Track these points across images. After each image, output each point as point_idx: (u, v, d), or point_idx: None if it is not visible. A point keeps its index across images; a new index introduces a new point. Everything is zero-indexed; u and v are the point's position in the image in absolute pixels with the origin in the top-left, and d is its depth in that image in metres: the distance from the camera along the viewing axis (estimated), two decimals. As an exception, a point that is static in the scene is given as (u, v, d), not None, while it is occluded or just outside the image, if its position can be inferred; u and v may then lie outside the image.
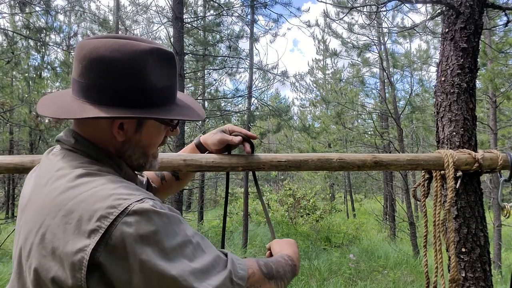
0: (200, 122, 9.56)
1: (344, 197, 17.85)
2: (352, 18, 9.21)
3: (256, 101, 8.21)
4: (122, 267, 0.62)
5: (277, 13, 8.33)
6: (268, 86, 8.66)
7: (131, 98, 0.75)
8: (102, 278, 0.63)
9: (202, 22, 7.70)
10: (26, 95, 9.98)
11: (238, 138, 1.15)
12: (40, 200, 0.70)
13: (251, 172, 1.26)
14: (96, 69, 0.73)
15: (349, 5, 5.58)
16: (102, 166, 0.76)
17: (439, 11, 2.31)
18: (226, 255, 0.78)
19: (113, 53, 0.72)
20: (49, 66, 10.21)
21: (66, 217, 0.64)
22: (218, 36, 7.90)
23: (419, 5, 6.47)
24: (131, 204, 0.65)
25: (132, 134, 0.80)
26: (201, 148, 1.24)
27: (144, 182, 1.13)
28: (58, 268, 0.62)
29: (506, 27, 6.74)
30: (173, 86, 0.82)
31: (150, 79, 0.75)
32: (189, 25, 7.01)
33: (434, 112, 1.73)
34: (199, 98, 9.26)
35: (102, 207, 0.64)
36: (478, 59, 1.69)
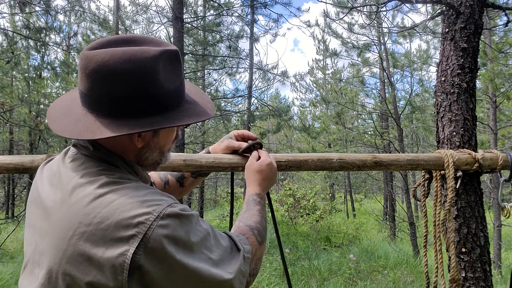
0: (200, 122, 9.56)
1: (344, 197, 17.84)
2: (352, 18, 9.22)
3: (256, 101, 8.22)
4: (161, 268, 0.67)
5: (277, 13, 8.34)
6: (268, 86, 8.67)
7: (146, 106, 0.75)
8: (142, 279, 0.66)
9: (202, 22, 7.70)
10: (26, 95, 9.98)
11: (245, 145, 1.18)
12: (67, 207, 0.70)
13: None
14: (108, 82, 0.72)
15: (349, 5, 5.58)
16: (122, 173, 0.78)
17: (439, 11, 2.31)
18: (229, 235, 0.84)
19: (124, 64, 0.71)
20: (49, 66, 10.22)
21: (102, 223, 0.66)
22: (218, 36, 7.90)
23: (419, 5, 6.48)
24: (164, 209, 0.69)
25: (150, 139, 0.82)
26: None
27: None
28: (96, 273, 0.65)
29: (506, 27, 6.74)
30: (182, 83, 0.83)
31: (163, 84, 0.75)
32: (189, 25, 7.01)
33: (434, 112, 1.73)
34: (199, 98, 9.25)
35: (138, 213, 0.67)
36: (478, 59, 1.69)
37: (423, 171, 1.47)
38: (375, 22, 9.04)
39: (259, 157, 1.13)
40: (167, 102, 0.77)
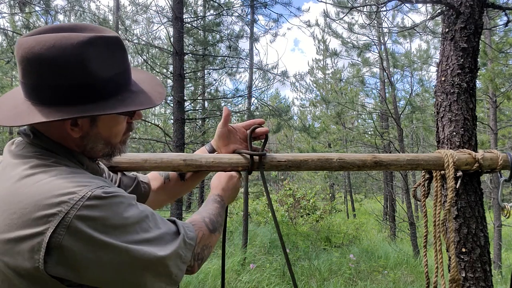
0: (200, 121, 9.56)
1: (344, 197, 17.83)
2: (352, 18, 9.22)
3: (256, 101, 8.21)
4: (86, 249, 0.65)
5: (277, 13, 8.33)
6: (268, 86, 8.66)
7: (78, 94, 0.73)
8: (63, 260, 0.64)
9: (202, 22, 7.70)
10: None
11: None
12: None
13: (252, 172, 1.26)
14: (36, 69, 0.70)
15: (349, 5, 5.58)
16: (59, 159, 0.76)
17: (439, 11, 2.31)
18: (174, 222, 0.84)
19: (49, 50, 0.69)
20: (49, 66, 10.19)
21: (21, 203, 0.65)
22: (218, 36, 7.90)
23: (419, 5, 6.47)
24: (91, 190, 0.68)
25: (88, 128, 0.79)
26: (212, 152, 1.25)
27: (117, 180, 1.13)
28: (17, 253, 0.64)
29: (506, 27, 6.74)
30: (124, 71, 0.80)
31: (95, 71, 0.72)
32: (189, 25, 7.01)
33: (434, 112, 1.73)
34: (199, 98, 9.27)
35: (62, 193, 0.66)
36: (478, 59, 1.68)
37: (423, 171, 1.47)
38: (375, 22, 9.03)
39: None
40: (100, 90, 0.74)
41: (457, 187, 1.37)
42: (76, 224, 0.64)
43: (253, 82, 7.94)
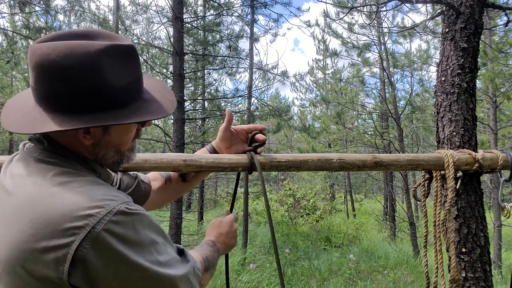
0: (200, 121, 9.56)
1: (344, 197, 17.83)
2: (352, 18, 9.22)
3: (256, 101, 8.20)
4: (108, 263, 0.66)
5: (277, 13, 8.32)
6: (268, 86, 8.66)
7: (91, 102, 0.72)
8: (86, 273, 0.65)
9: (202, 22, 7.70)
10: (26, 95, 9.94)
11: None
12: (18, 195, 0.70)
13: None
14: (50, 77, 0.70)
15: (349, 5, 5.58)
16: (75, 167, 0.76)
17: (439, 11, 2.31)
18: (183, 250, 0.86)
19: (65, 59, 0.69)
20: (49, 66, 10.18)
21: (48, 213, 0.65)
22: (218, 36, 7.90)
23: (419, 5, 6.47)
24: (117, 205, 0.68)
25: (101, 136, 0.79)
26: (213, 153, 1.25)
27: (118, 180, 1.13)
28: (42, 264, 0.64)
29: (506, 27, 6.73)
30: (138, 80, 0.80)
31: (109, 80, 0.73)
32: (189, 25, 7.01)
33: (434, 112, 1.73)
34: (199, 98, 9.26)
35: (90, 206, 0.66)
36: (478, 59, 1.68)
37: (423, 171, 1.47)
38: (375, 22, 9.04)
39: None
40: (114, 99, 0.74)
41: (457, 187, 1.37)
42: (102, 238, 0.65)
43: (253, 82, 7.94)
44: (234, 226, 1.14)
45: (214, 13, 7.93)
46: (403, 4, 5.02)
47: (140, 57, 6.29)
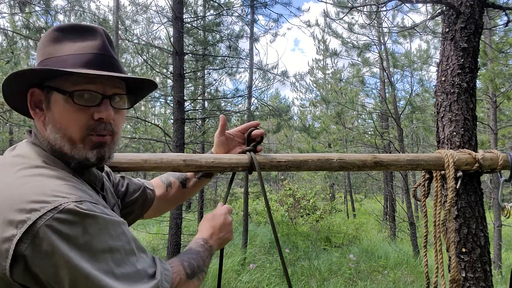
0: (200, 121, 9.56)
1: (344, 197, 17.83)
2: (352, 18, 9.22)
3: (256, 101, 8.20)
4: (47, 262, 0.62)
5: (277, 13, 8.32)
6: (268, 86, 8.65)
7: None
8: (27, 270, 0.62)
9: (202, 22, 7.69)
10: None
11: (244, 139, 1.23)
12: None
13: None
14: None
15: (349, 5, 5.58)
16: (50, 160, 0.76)
17: (439, 11, 2.31)
18: (155, 263, 0.79)
19: None
20: (49, 66, 10.17)
21: (3, 201, 0.64)
22: (218, 36, 7.89)
23: (419, 5, 6.47)
24: (67, 203, 0.65)
25: (46, 110, 0.80)
26: None
27: (124, 185, 1.13)
28: None
29: (506, 27, 6.73)
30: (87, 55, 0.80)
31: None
32: (189, 25, 7.01)
33: (434, 112, 1.73)
34: (199, 98, 9.26)
35: (36, 200, 0.64)
36: (478, 59, 1.68)
37: (423, 171, 1.47)
38: (375, 22, 9.03)
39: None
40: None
41: (457, 187, 1.37)
42: (43, 235, 0.61)
43: (253, 82, 7.94)
44: (228, 219, 1.08)
45: (214, 13, 7.92)
46: (403, 4, 5.02)
47: (140, 57, 6.28)
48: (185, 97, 5.78)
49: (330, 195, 15.69)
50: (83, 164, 0.80)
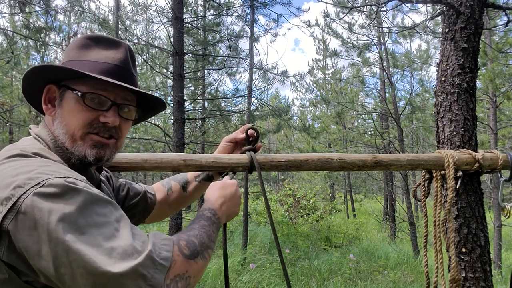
0: (200, 121, 9.56)
1: (344, 197, 17.83)
2: (352, 18, 9.22)
3: (256, 101, 8.20)
4: (31, 237, 0.62)
5: (277, 13, 8.31)
6: (268, 86, 8.65)
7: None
8: (11, 246, 0.64)
9: (202, 22, 7.69)
10: (26, 95, 9.92)
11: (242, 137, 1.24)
12: None
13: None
14: None
15: (349, 5, 5.57)
16: (46, 153, 0.78)
17: (439, 11, 2.31)
18: (147, 236, 0.74)
19: None
20: (49, 66, 10.16)
21: None
22: (218, 36, 7.89)
23: (419, 5, 6.46)
24: (51, 178, 0.66)
25: (58, 107, 0.84)
26: None
27: (125, 189, 1.14)
28: None
29: (506, 27, 6.73)
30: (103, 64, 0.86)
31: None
32: (189, 25, 7.00)
33: (434, 112, 1.73)
34: (199, 98, 9.26)
35: (22, 178, 0.65)
36: (478, 59, 1.68)
37: (423, 171, 1.47)
38: (375, 22, 9.03)
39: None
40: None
41: (457, 187, 1.37)
42: (24, 209, 0.62)
43: (253, 82, 7.94)
44: (239, 191, 1.03)
45: (214, 13, 7.92)
46: (403, 4, 5.02)
47: (140, 57, 6.28)
48: (185, 97, 5.78)
49: (330, 195, 15.69)
50: (82, 162, 0.83)
